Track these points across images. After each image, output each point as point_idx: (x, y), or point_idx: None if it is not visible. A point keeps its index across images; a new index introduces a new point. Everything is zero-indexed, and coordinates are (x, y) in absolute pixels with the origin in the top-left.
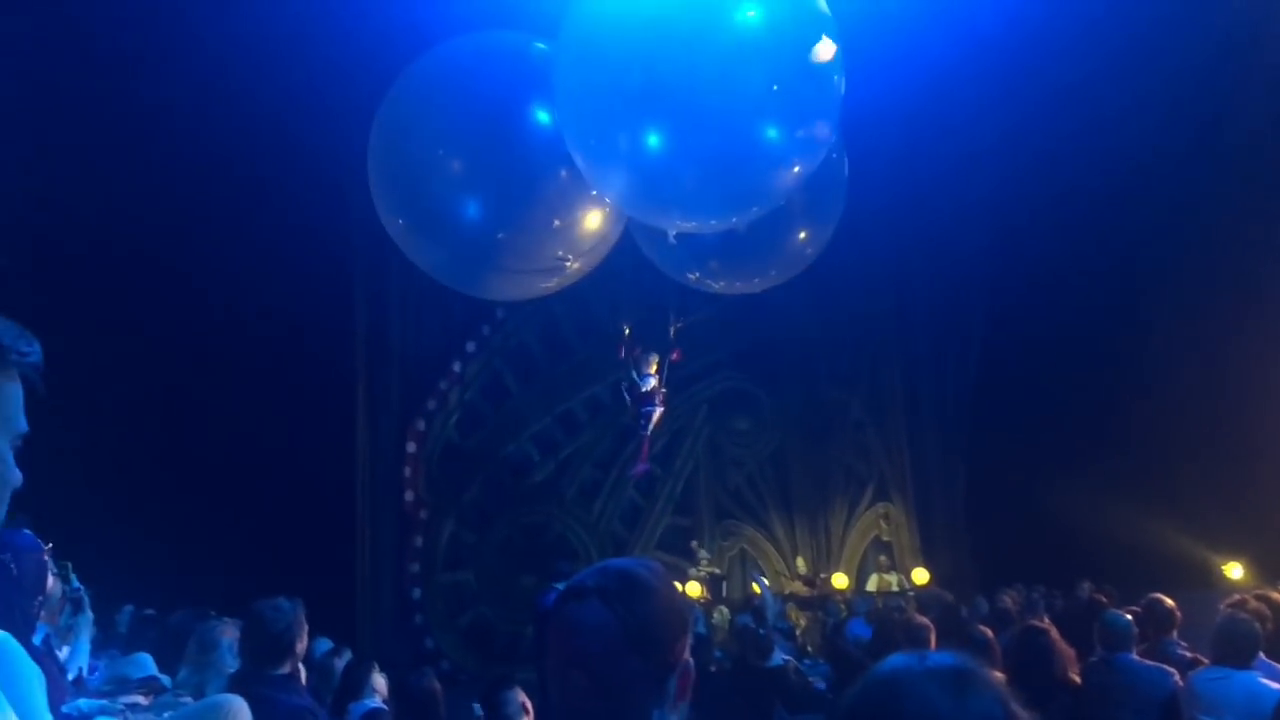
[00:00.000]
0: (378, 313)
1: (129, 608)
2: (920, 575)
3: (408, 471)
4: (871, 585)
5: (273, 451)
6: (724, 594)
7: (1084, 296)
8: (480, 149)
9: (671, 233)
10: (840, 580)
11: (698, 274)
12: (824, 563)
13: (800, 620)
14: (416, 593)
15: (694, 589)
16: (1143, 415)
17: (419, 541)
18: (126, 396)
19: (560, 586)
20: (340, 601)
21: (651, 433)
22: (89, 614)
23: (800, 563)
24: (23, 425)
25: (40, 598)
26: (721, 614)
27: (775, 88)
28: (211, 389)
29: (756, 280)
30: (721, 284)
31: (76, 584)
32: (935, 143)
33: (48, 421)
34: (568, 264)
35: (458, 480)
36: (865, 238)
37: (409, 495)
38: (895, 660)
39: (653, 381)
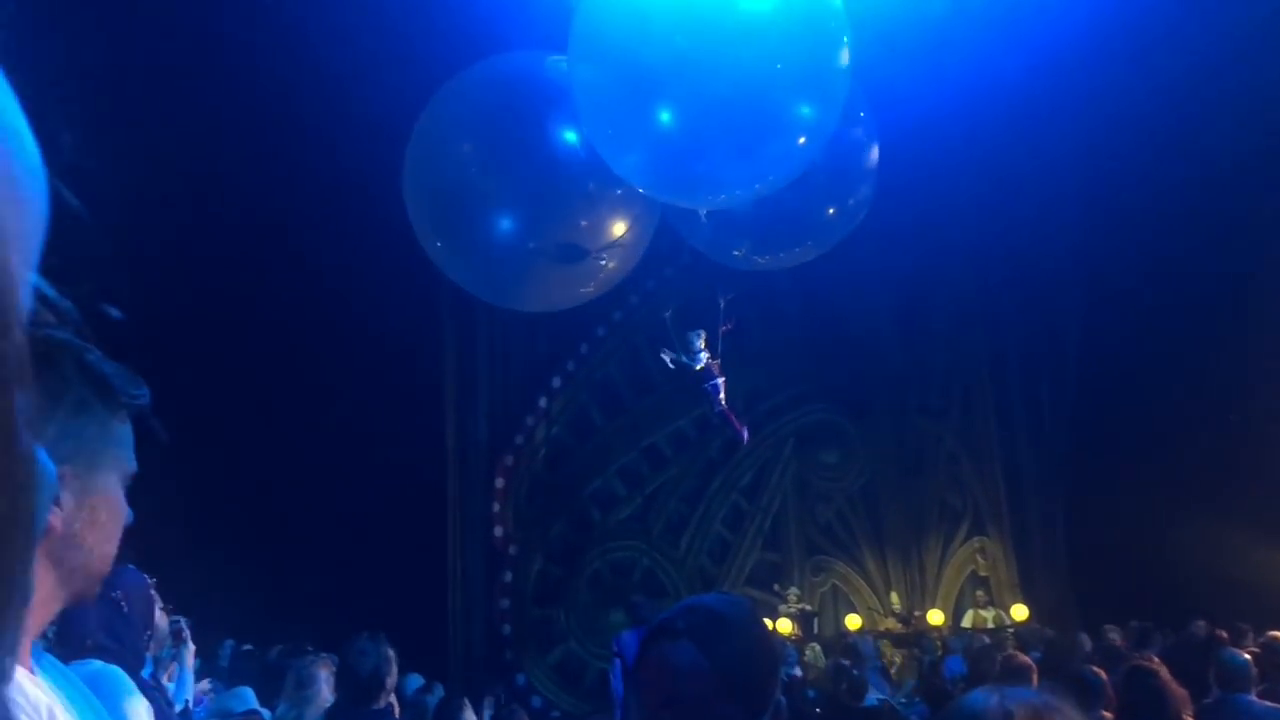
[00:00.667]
0: (466, 350)
1: (229, 642)
2: (1020, 611)
3: (496, 507)
4: (968, 621)
5: (365, 488)
6: (816, 631)
7: (1186, 318)
8: (506, 163)
9: (702, 212)
10: (936, 617)
11: (742, 250)
12: (919, 599)
13: (895, 658)
14: (507, 628)
15: (785, 626)
16: (1256, 442)
17: (508, 577)
18: (223, 435)
19: (628, 633)
20: (432, 637)
21: (725, 407)
22: (190, 646)
23: (894, 599)
24: (133, 465)
25: (148, 632)
26: (814, 652)
27: (779, 66)
28: (305, 426)
29: (796, 251)
30: (764, 259)
31: (177, 617)
32: (1022, 166)
33: (148, 458)
34: (603, 264)
35: (545, 515)
36: (952, 265)
37: (498, 531)
38: (975, 696)
39: (704, 358)
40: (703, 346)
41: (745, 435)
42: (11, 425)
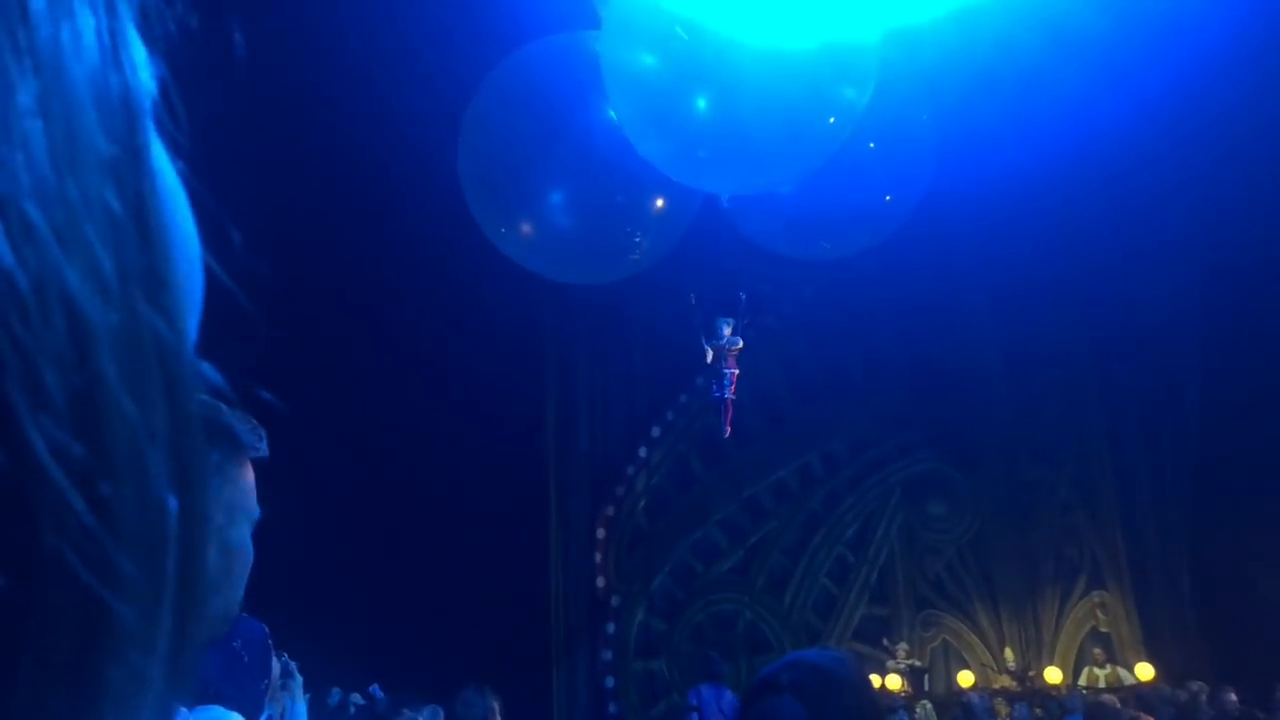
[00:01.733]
0: (567, 400)
1: (336, 690)
2: (1144, 670)
3: (598, 558)
4: (1086, 680)
5: (468, 538)
6: (927, 688)
7: None
8: (546, 145)
9: (724, 197)
10: (1054, 674)
11: (786, 246)
12: (1035, 655)
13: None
14: (610, 681)
15: (894, 682)
16: None
17: (611, 629)
18: (329, 488)
19: (706, 686)
20: (535, 689)
21: (732, 396)
22: (299, 678)
23: (1009, 655)
24: (257, 512)
25: (265, 680)
26: (925, 709)
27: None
28: (408, 478)
29: (840, 243)
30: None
31: (282, 651)
32: (1137, 210)
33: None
34: (637, 241)
35: (647, 567)
36: (1063, 310)
37: (600, 582)
38: None
39: (730, 347)
40: (729, 334)
41: (727, 431)
42: (204, 497)
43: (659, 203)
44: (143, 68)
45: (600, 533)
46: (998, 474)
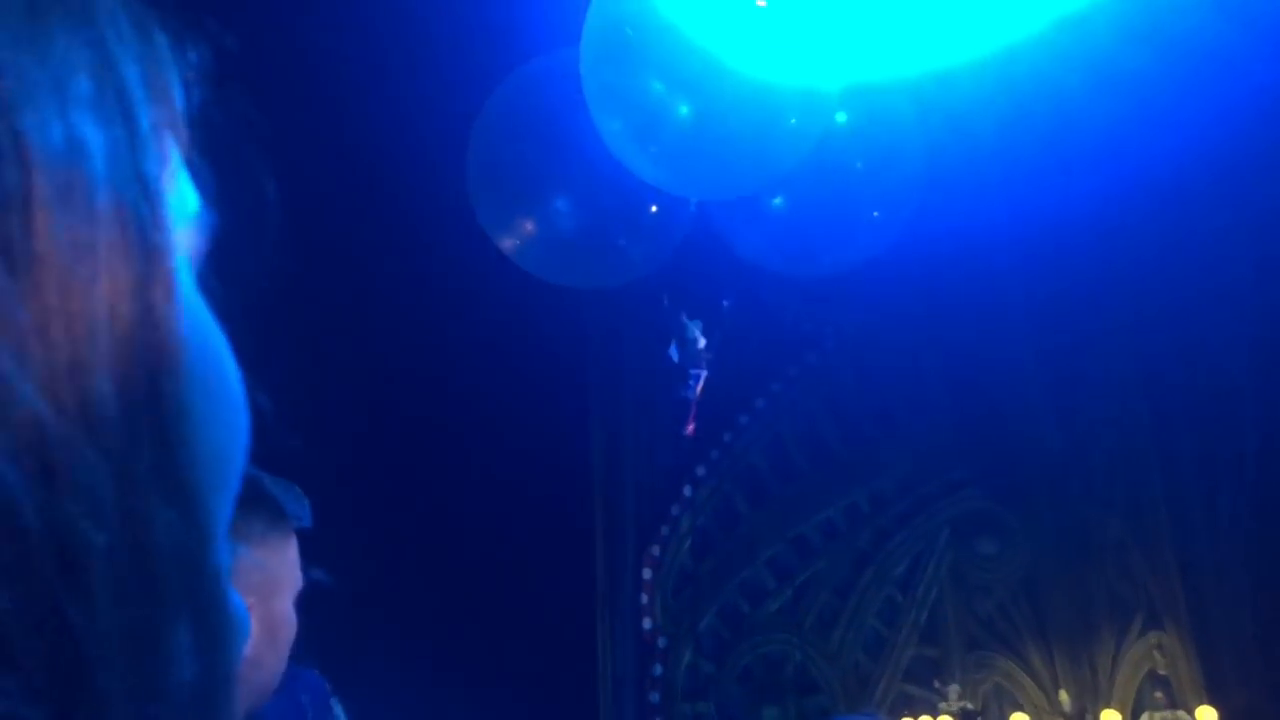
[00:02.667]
0: (612, 440)
1: None
2: (1206, 714)
3: (645, 599)
4: None
5: (513, 582)
6: None
7: None
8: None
9: (693, 201)
10: (1111, 718)
11: (768, 256)
12: (1090, 698)
13: None
14: None
15: None
16: None
17: (658, 670)
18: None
19: None
20: None
21: (697, 397)
22: None
23: (1063, 697)
24: (301, 582)
25: None
26: None
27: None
28: (452, 523)
29: (823, 263)
30: (794, 266)
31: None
32: (1186, 241)
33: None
34: (621, 245)
35: (694, 608)
36: (1112, 341)
37: (647, 623)
38: None
39: (697, 348)
40: (699, 336)
41: (690, 430)
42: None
43: (652, 209)
44: (163, 180)
45: (646, 573)
46: (1048, 511)
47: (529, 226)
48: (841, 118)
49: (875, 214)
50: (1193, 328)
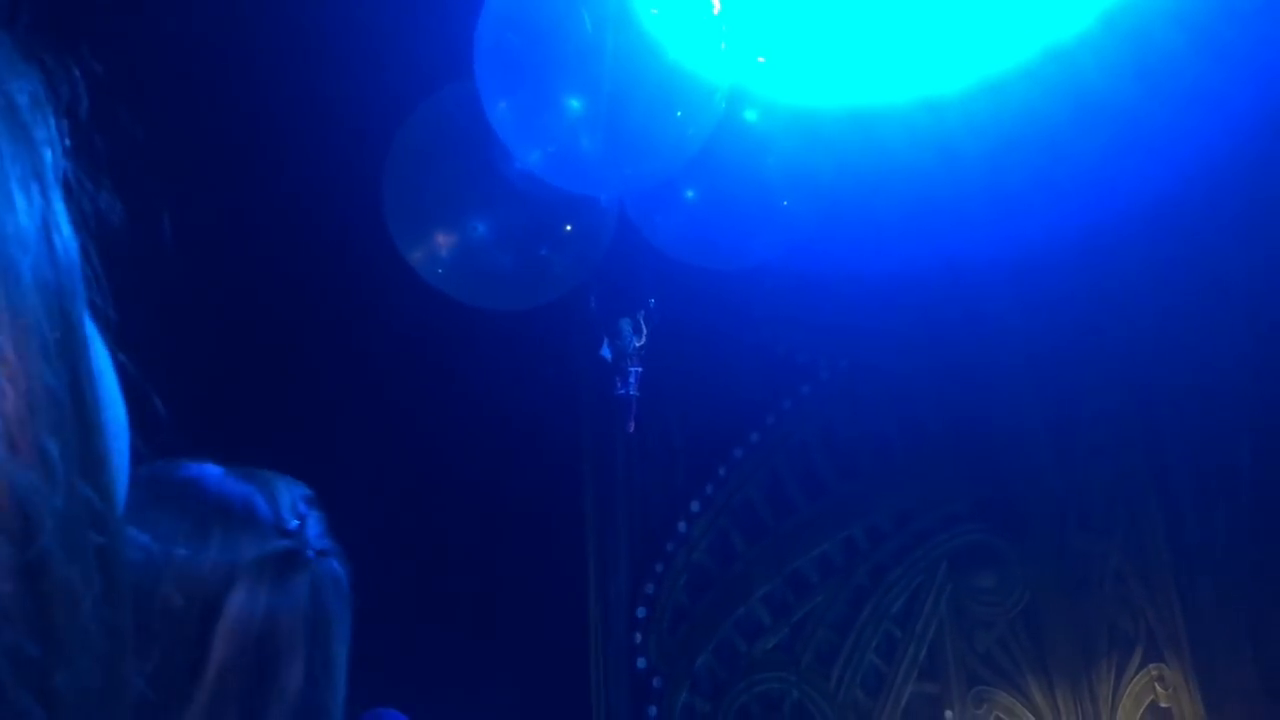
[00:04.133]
0: (605, 475)
1: None
2: None
3: (639, 638)
4: None
5: (507, 621)
6: None
7: None
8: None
9: (602, 197)
10: None
11: (690, 253)
12: None
13: None
14: None
15: None
16: None
17: (654, 711)
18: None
19: None
20: None
21: (636, 393)
22: None
23: None
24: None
25: None
26: None
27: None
28: (439, 562)
29: (746, 254)
30: (716, 262)
31: None
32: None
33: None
34: (545, 259)
35: (689, 646)
36: (1108, 373)
37: (641, 663)
38: None
39: (632, 344)
40: (631, 332)
41: (631, 427)
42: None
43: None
44: (73, 247)
45: (641, 611)
46: (1047, 543)
47: (445, 250)
48: (752, 115)
49: (785, 203)
50: (1186, 356)
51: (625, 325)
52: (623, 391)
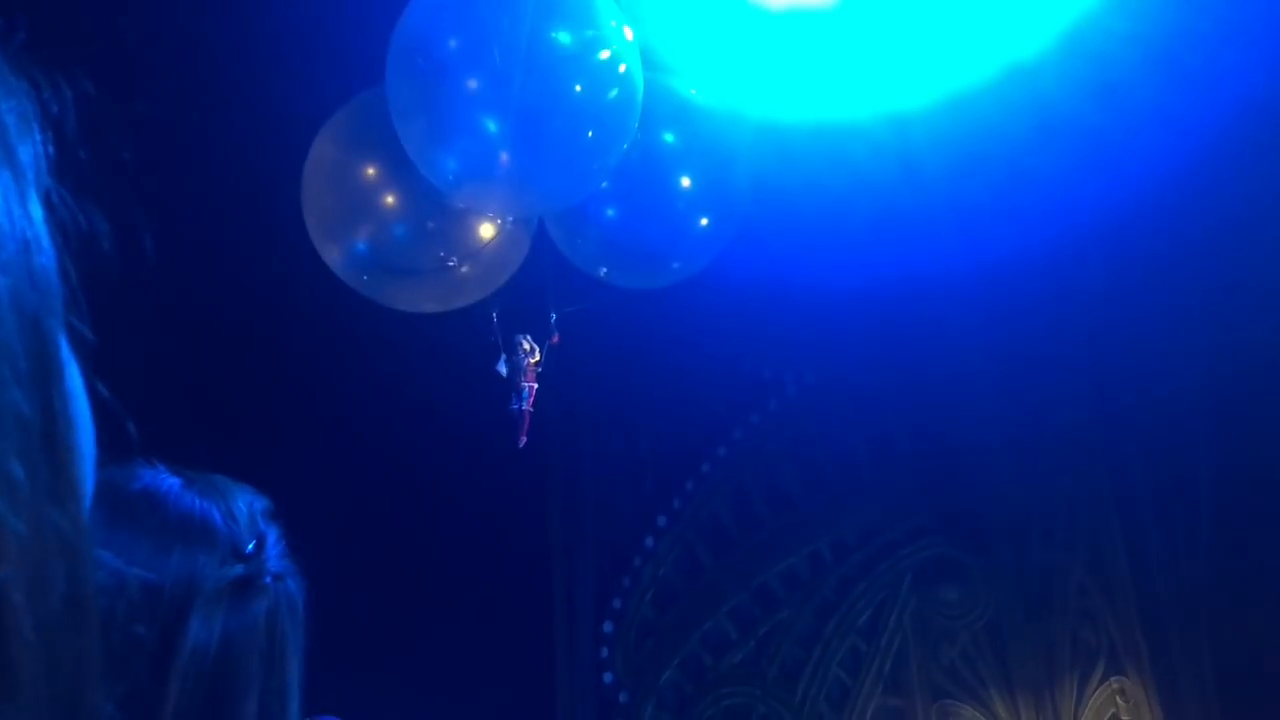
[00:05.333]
0: (571, 491)
1: None
2: None
3: (605, 653)
4: None
5: (471, 636)
6: None
7: None
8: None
9: (509, 219)
10: None
11: (605, 269)
12: None
13: None
14: None
15: None
16: None
17: None
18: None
19: None
20: None
21: (529, 409)
22: None
23: None
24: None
25: None
26: None
27: (578, 88)
28: (409, 574)
29: (660, 275)
30: (631, 280)
31: None
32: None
33: None
34: (451, 266)
35: (655, 660)
36: (1068, 390)
37: (608, 677)
38: None
39: (527, 360)
40: (527, 349)
41: (522, 442)
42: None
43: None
44: (53, 269)
45: (608, 626)
46: (1009, 558)
47: (363, 253)
48: (671, 137)
49: (704, 222)
50: (1147, 371)
51: (520, 340)
52: (516, 407)
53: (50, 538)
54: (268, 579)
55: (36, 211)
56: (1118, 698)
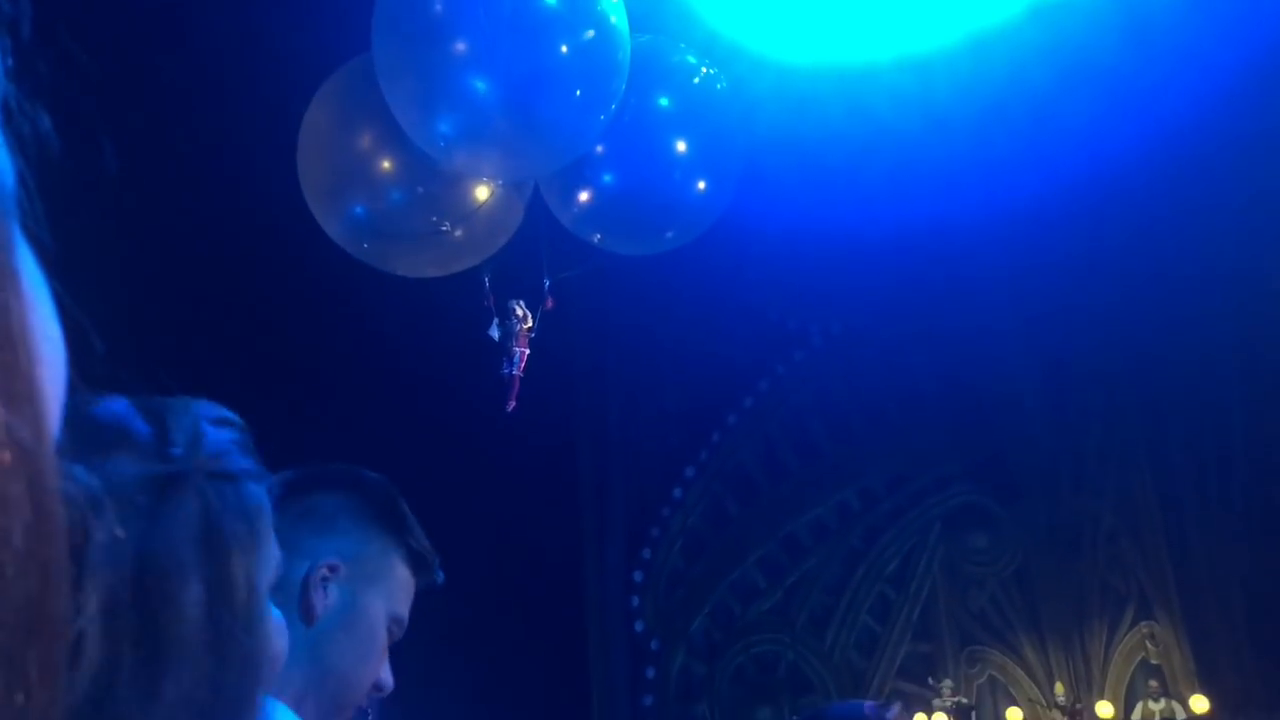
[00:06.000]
0: (599, 443)
1: None
2: (1199, 703)
3: (636, 601)
4: (1138, 714)
5: (504, 587)
6: None
7: None
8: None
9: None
10: (1104, 709)
11: (599, 236)
12: (1084, 690)
13: None
14: None
15: None
16: None
17: (651, 673)
18: None
19: None
20: None
21: (520, 374)
22: None
23: (1059, 689)
24: (402, 612)
25: None
26: None
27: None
28: (442, 529)
29: (658, 241)
30: (626, 246)
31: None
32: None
33: None
34: (445, 230)
35: (685, 609)
36: (1099, 336)
37: (639, 626)
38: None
39: (519, 326)
40: (521, 315)
41: (511, 406)
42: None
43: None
44: (5, 169)
45: (638, 576)
46: (1039, 504)
47: (361, 217)
48: (665, 101)
49: (701, 185)
50: (1178, 314)
51: (514, 305)
52: (507, 371)
53: (3, 440)
54: (199, 478)
55: None
56: (1147, 642)
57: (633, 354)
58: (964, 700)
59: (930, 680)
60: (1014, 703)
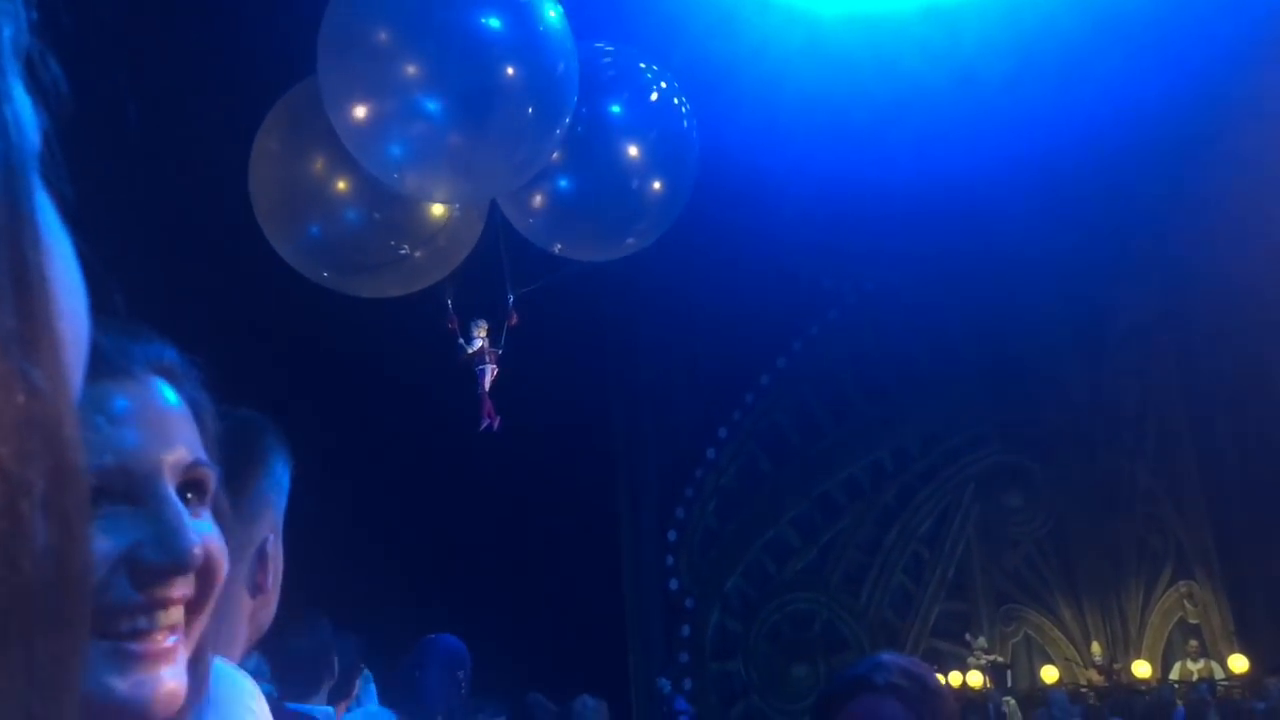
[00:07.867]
0: (633, 404)
1: None
2: (1238, 662)
3: (671, 561)
4: (1176, 674)
5: (540, 547)
6: (1010, 684)
7: None
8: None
9: (456, 207)
10: (1142, 669)
11: (560, 245)
12: (1121, 649)
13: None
14: (687, 683)
15: (975, 679)
16: None
17: (686, 631)
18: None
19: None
20: (612, 694)
21: (489, 390)
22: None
23: (1095, 649)
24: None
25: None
26: (1010, 705)
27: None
28: (479, 491)
29: (618, 246)
30: (587, 253)
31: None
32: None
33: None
34: (404, 253)
35: (720, 567)
36: (1135, 291)
37: (674, 584)
38: None
39: (479, 343)
40: (482, 334)
41: (496, 425)
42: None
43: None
44: (28, 123)
45: (672, 535)
46: (1075, 463)
47: (315, 238)
48: (617, 109)
49: (657, 186)
50: (1214, 265)
51: (474, 327)
52: (480, 392)
53: (19, 387)
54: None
55: (10, 65)
56: (1185, 601)
57: (665, 316)
58: (999, 659)
59: (965, 639)
60: (1049, 661)
